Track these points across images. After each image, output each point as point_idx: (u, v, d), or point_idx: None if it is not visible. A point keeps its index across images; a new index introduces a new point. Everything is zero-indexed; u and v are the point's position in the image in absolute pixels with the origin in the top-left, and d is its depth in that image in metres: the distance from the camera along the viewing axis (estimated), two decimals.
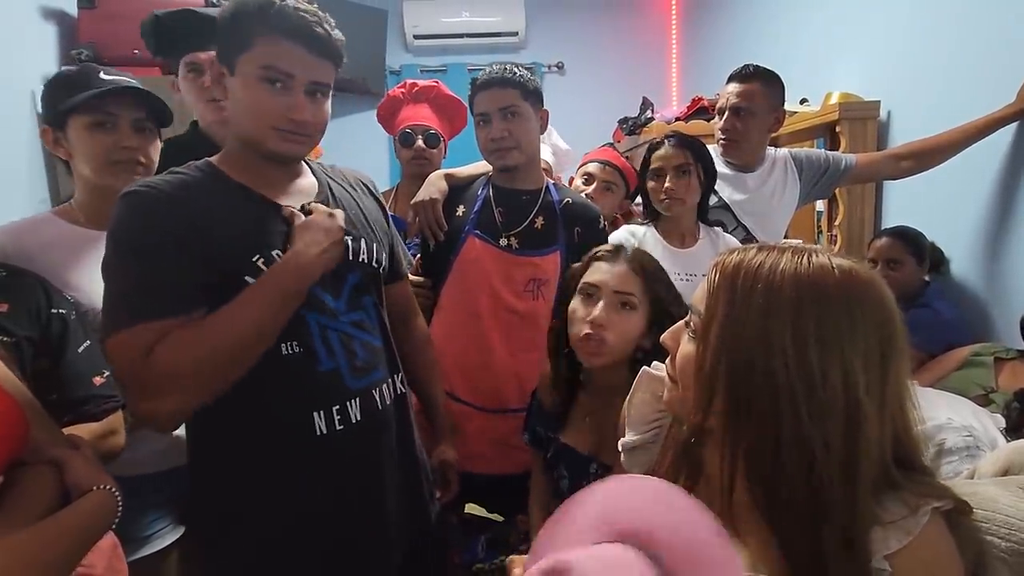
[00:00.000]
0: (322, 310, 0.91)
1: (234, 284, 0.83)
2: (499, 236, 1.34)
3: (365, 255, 0.99)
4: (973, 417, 1.12)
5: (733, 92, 1.66)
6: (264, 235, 0.88)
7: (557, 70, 3.86)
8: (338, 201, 1.00)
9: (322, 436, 0.88)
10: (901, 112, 1.93)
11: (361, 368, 0.94)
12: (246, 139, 0.90)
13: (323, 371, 0.90)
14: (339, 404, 0.90)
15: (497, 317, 1.32)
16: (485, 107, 1.30)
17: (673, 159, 1.46)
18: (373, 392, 0.95)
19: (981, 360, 1.43)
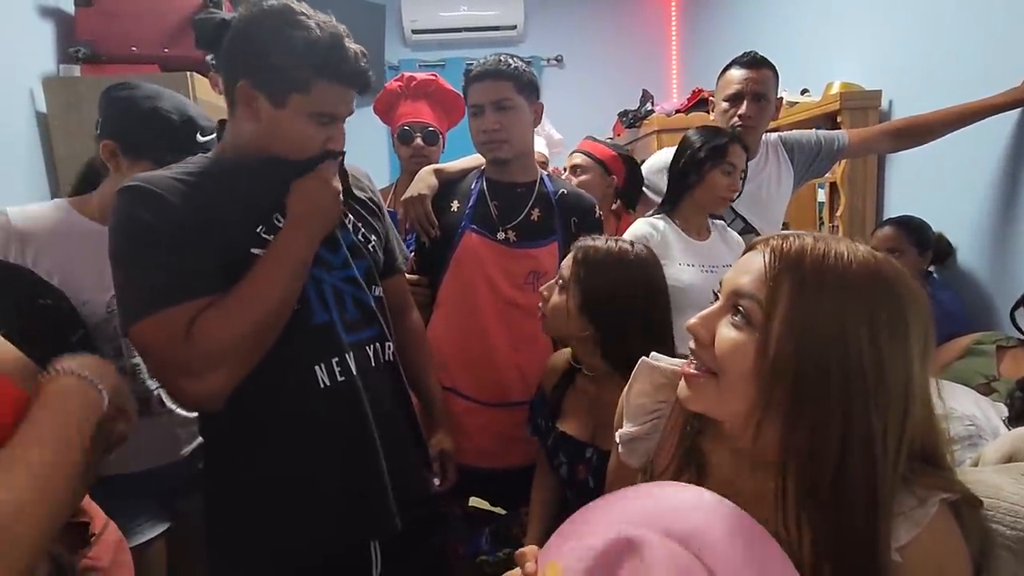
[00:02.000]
0: (317, 262, 0.93)
1: (241, 257, 0.86)
2: (496, 230, 1.34)
3: (351, 225, 1.01)
4: (975, 406, 1.11)
5: (751, 78, 1.62)
6: (265, 206, 0.90)
7: (556, 63, 3.85)
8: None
9: (326, 388, 0.91)
10: (902, 101, 1.92)
11: (351, 324, 0.96)
12: (276, 155, 0.91)
13: (317, 324, 0.92)
14: (337, 356, 0.93)
15: (497, 311, 1.32)
16: (478, 99, 1.29)
17: (744, 161, 1.46)
18: (366, 348, 0.98)
19: (983, 349, 1.43)
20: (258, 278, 0.85)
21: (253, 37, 0.86)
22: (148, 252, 0.82)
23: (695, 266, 1.45)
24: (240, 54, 0.88)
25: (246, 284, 0.85)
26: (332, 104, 0.89)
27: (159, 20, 1.80)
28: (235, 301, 0.83)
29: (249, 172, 0.91)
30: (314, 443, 0.91)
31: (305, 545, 0.90)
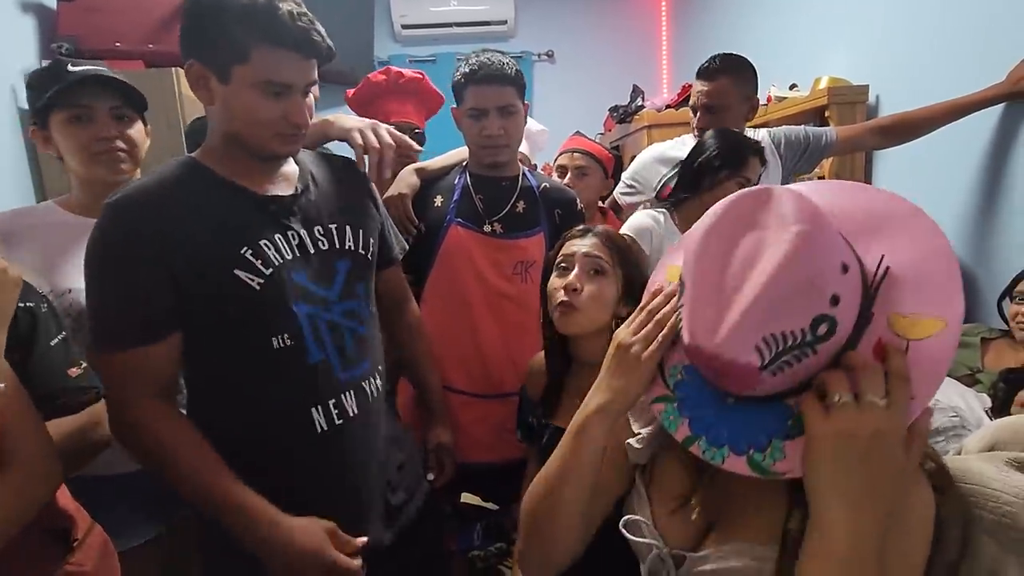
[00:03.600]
0: (312, 300, 0.91)
1: (223, 279, 0.84)
2: (482, 223, 1.34)
3: (352, 242, 0.99)
4: (959, 398, 1.13)
5: (702, 91, 1.68)
6: (250, 228, 0.87)
7: (547, 59, 3.84)
8: (319, 187, 0.99)
9: (322, 433, 0.89)
10: (889, 96, 1.93)
11: (350, 360, 0.94)
12: (241, 142, 0.89)
13: (313, 363, 0.89)
14: (334, 398, 0.91)
15: (487, 302, 1.32)
16: (482, 103, 1.28)
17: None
18: (363, 384, 0.95)
19: (968, 341, 1.44)
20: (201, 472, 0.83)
21: (192, 12, 0.85)
22: (107, 283, 0.82)
23: None
24: (185, 33, 0.86)
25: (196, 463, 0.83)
26: (276, 71, 0.84)
27: (143, 15, 1.78)
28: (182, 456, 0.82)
29: (232, 187, 0.90)
30: (304, 486, 0.90)
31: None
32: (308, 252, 0.92)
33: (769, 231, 0.49)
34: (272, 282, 0.87)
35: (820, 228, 0.48)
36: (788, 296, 0.47)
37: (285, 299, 0.88)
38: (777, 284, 0.46)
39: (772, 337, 0.47)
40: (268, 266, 0.87)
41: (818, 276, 0.48)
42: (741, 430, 0.52)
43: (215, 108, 0.89)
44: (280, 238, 0.90)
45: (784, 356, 0.48)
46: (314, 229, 0.94)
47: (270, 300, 0.87)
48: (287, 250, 0.90)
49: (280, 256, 0.89)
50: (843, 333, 0.49)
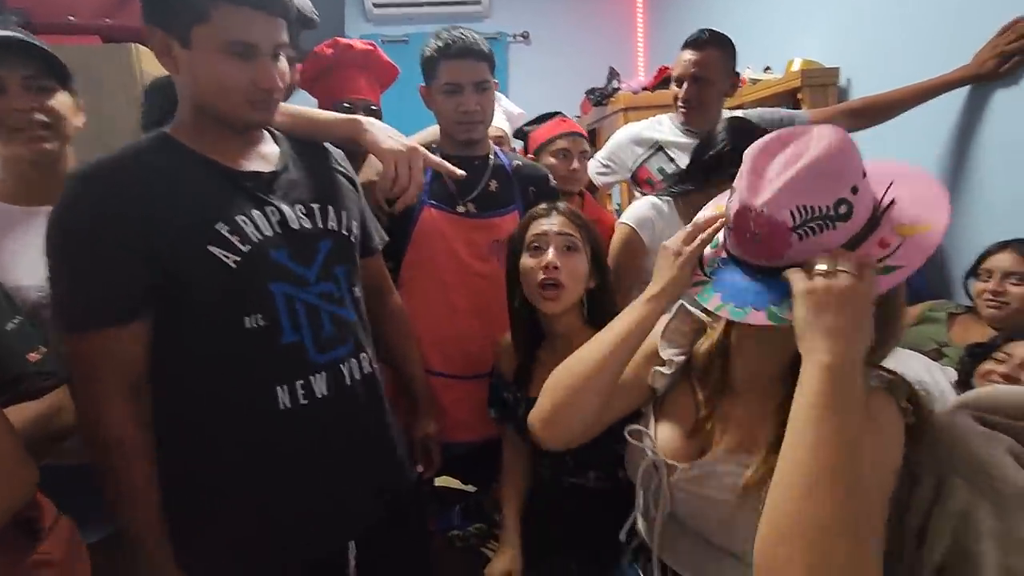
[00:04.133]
0: (290, 279, 0.88)
1: (196, 256, 0.81)
2: (455, 203, 1.33)
3: (334, 222, 0.96)
4: (925, 372, 1.16)
5: (690, 60, 1.65)
6: (226, 203, 0.85)
7: (522, 40, 3.80)
8: (300, 167, 0.96)
9: (286, 410, 0.87)
10: (859, 79, 1.96)
11: (327, 341, 0.91)
12: (212, 111, 0.86)
13: (286, 344, 0.87)
14: (302, 378, 0.88)
15: (463, 283, 1.31)
16: (458, 78, 1.26)
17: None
18: (340, 366, 0.93)
19: (935, 316, 1.49)
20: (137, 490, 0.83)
21: None
22: (75, 263, 0.79)
23: None
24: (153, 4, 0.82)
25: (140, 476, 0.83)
26: (239, 30, 0.80)
27: None
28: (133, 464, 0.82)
29: (206, 162, 0.86)
30: (269, 466, 0.88)
31: (264, 558, 0.89)
32: (290, 229, 0.90)
33: (812, 142, 0.64)
34: (250, 260, 0.84)
35: (848, 140, 0.64)
36: (820, 178, 0.62)
37: (262, 278, 0.86)
38: (813, 168, 0.62)
39: (804, 207, 0.62)
40: (246, 243, 0.84)
41: (845, 169, 0.63)
42: (763, 294, 0.65)
43: (182, 78, 0.85)
44: (259, 214, 0.87)
45: (811, 223, 0.62)
46: (295, 207, 0.91)
47: (246, 280, 0.84)
48: (267, 226, 0.87)
49: (259, 232, 0.86)
50: (858, 220, 0.63)
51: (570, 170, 1.69)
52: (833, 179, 0.62)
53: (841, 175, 0.63)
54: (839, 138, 0.64)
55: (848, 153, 0.64)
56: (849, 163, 0.64)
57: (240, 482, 0.87)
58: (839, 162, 0.63)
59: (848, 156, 0.64)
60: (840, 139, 0.64)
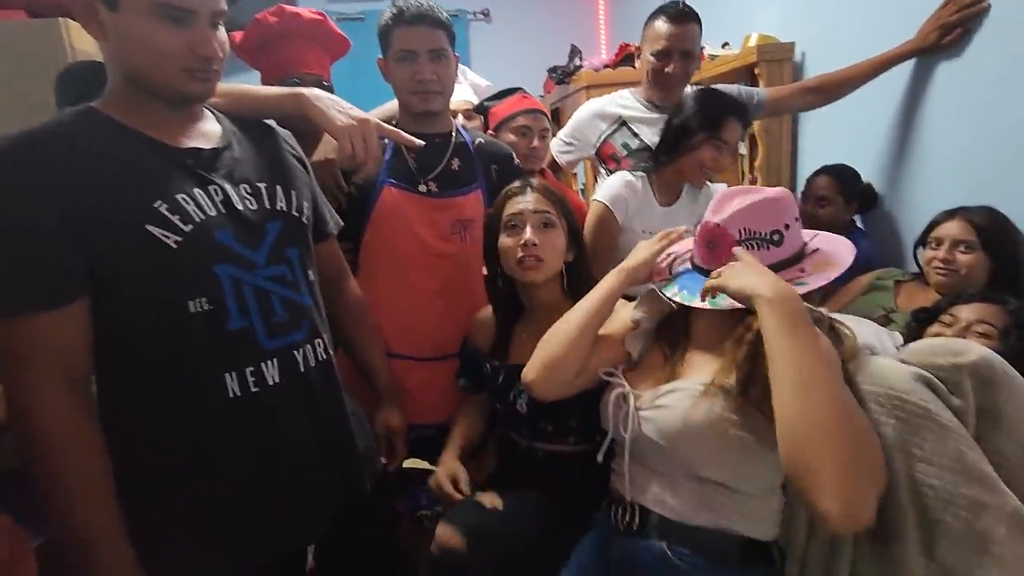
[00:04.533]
0: (236, 261, 0.84)
1: (133, 235, 0.76)
2: (416, 182, 1.29)
3: (284, 203, 0.92)
4: (874, 337, 1.20)
5: (678, 35, 1.59)
6: (164, 181, 0.80)
7: (483, 17, 3.73)
8: (244, 146, 0.92)
9: (235, 399, 0.83)
10: (814, 53, 1.99)
11: (278, 327, 0.87)
12: (145, 82, 0.80)
13: (233, 329, 0.83)
14: (253, 365, 0.85)
15: (426, 264, 1.29)
16: (413, 44, 1.22)
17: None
18: (294, 353, 0.89)
19: (883, 284, 1.54)
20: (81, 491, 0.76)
21: None
22: (11, 237, 0.72)
23: (651, 234, 1.45)
24: None
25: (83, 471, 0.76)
26: None
27: None
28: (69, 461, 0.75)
29: (141, 138, 0.81)
30: (221, 458, 0.84)
31: (219, 556, 0.84)
32: (235, 209, 0.85)
33: (765, 190, 0.90)
34: (192, 241, 0.79)
35: (791, 199, 0.90)
36: (763, 212, 0.87)
37: (205, 260, 0.81)
38: (760, 204, 0.87)
39: (748, 229, 0.87)
40: (187, 222, 0.80)
41: (783, 212, 0.88)
42: None
43: (109, 46, 0.79)
44: (201, 193, 0.82)
45: (750, 240, 0.87)
46: (240, 187, 0.87)
47: (188, 260, 0.80)
48: (209, 206, 0.82)
49: (201, 212, 0.81)
50: (785, 251, 0.88)
51: (530, 148, 1.66)
52: (772, 215, 0.86)
53: (779, 214, 0.87)
54: (785, 194, 0.89)
55: (788, 203, 0.88)
56: (787, 210, 0.88)
57: (190, 476, 0.83)
58: (779, 206, 0.87)
59: (787, 205, 0.88)
60: (785, 194, 0.89)
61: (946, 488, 0.71)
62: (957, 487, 0.71)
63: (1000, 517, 0.69)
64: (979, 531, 0.69)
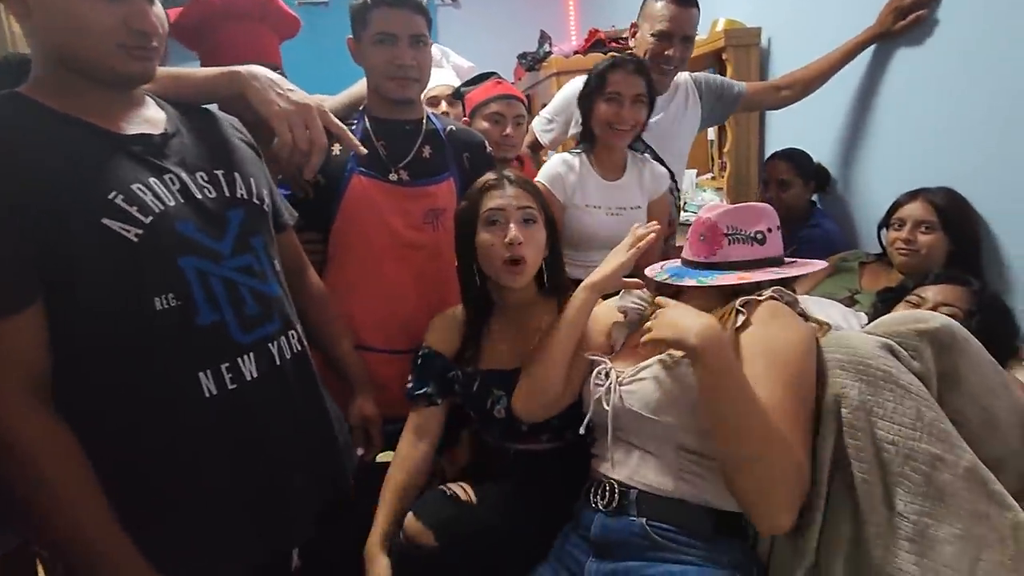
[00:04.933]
0: (201, 253, 0.80)
1: (90, 231, 0.72)
2: (387, 171, 1.26)
3: (244, 190, 0.88)
4: (841, 318, 1.23)
5: (682, 19, 1.57)
6: (116, 170, 0.75)
7: (452, 3, 3.68)
8: (193, 132, 0.87)
9: (212, 397, 0.80)
10: (780, 39, 2.01)
11: (251, 320, 0.84)
12: (78, 63, 0.75)
13: (204, 324, 0.79)
14: (228, 361, 0.81)
15: (398, 255, 1.26)
16: (393, 28, 1.18)
17: (634, 86, 1.40)
18: (269, 345, 0.86)
19: (848, 266, 1.58)
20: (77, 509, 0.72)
21: None
22: None
23: (601, 208, 1.46)
24: None
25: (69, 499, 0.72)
26: None
27: None
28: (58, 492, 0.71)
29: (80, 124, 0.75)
30: (201, 460, 0.80)
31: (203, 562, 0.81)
32: (194, 198, 0.81)
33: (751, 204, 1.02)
34: (153, 233, 0.75)
35: (772, 210, 1.00)
36: (750, 214, 0.97)
37: (169, 253, 0.77)
38: (747, 208, 0.99)
39: (736, 226, 0.96)
40: (147, 213, 0.75)
41: (765, 216, 0.98)
42: (697, 273, 0.97)
43: (35, 24, 0.73)
44: (157, 182, 0.78)
45: (737, 236, 0.96)
46: (196, 174, 0.83)
47: (151, 254, 0.75)
48: (168, 195, 0.78)
49: (160, 202, 0.77)
50: (768, 251, 0.97)
51: (503, 135, 1.62)
52: (757, 217, 0.97)
53: (763, 219, 0.97)
54: (768, 207, 1.00)
55: (771, 213, 0.99)
56: (771, 217, 0.98)
57: (169, 483, 0.79)
58: (764, 212, 0.99)
59: (771, 214, 0.99)
60: (769, 207, 1.00)
61: (906, 444, 0.76)
62: (917, 443, 0.75)
63: (956, 471, 0.74)
64: (936, 484, 0.74)
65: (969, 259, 1.34)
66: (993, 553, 0.71)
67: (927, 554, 0.73)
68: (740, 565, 0.84)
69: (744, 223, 0.95)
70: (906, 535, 0.74)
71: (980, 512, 0.73)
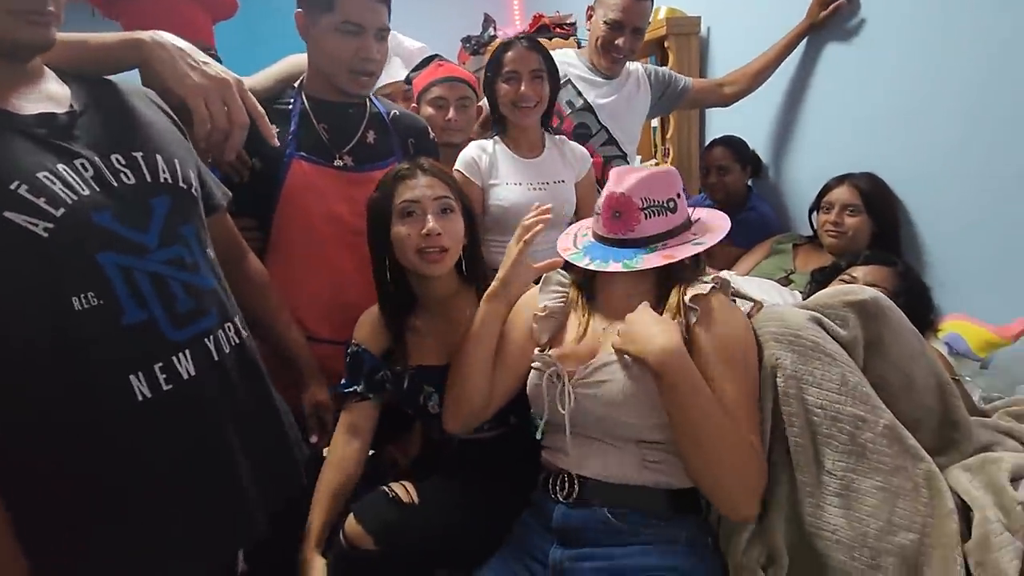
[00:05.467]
0: (122, 247, 0.73)
1: None
2: (331, 156, 1.21)
3: (168, 173, 0.80)
4: (779, 296, 1.30)
5: (635, 9, 1.60)
6: (17, 157, 0.68)
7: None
8: (105, 109, 0.79)
9: (146, 401, 0.74)
10: (719, 27, 2.07)
11: (184, 316, 0.78)
12: None
13: (131, 324, 0.73)
14: (161, 360, 0.75)
15: (346, 244, 1.22)
16: (363, 19, 1.12)
17: (529, 62, 1.41)
18: (206, 341, 0.81)
19: (782, 248, 1.66)
20: None
21: None
22: None
23: (523, 184, 1.45)
24: None
25: None
26: None
27: None
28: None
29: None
30: (141, 470, 0.74)
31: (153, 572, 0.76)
32: (110, 185, 0.74)
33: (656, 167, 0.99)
34: (65, 227, 0.68)
35: (677, 175, 0.98)
36: (660, 182, 0.95)
37: (85, 248, 0.70)
38: (656, 176, 0.95)
39: (649, 197, 0.93)
40: (57, 205, 0.68)
41: (673, 182, 0.96)
42: (620, 254, 0.94)
43: None
44: (66, 169, 0.70)
45: (652, 208, 0.93)
46: (111, 157, 0.75)
47: (64, 250, 0.68)
48: (80, 183, 0.71)
49: (72, 192, 0.70)
50: (679, 217, 0.96)
51: (446, 120, 1.58)
52: (668, 185, 0.95)
53: (672, 185, 0.95)
54: (672, 170, 0.98)
55: (676, 177, 0.97)
56: (677, 182, 0.96)
57: (107, 496, 0.73)
58: (671, 178, 0.96)
59: (676, 178, 0.97)
60: (673, 170, 0.98)
61: (833, 407, 0.83)
62: (843, 407, 0.83)
63: (876, 429, 0.82)
64: (859, 442, 0.81)
65: (890, 239, 1.44)
66: (908, 501, 0.79)
67: (852, 506, 0.80)
68: (696, 539, 0.88)
69: (657, 192, 0.93)
70: (834, 491, 0.81)
71: (897, 466, 0.81)
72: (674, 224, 0.94)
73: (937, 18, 1.36)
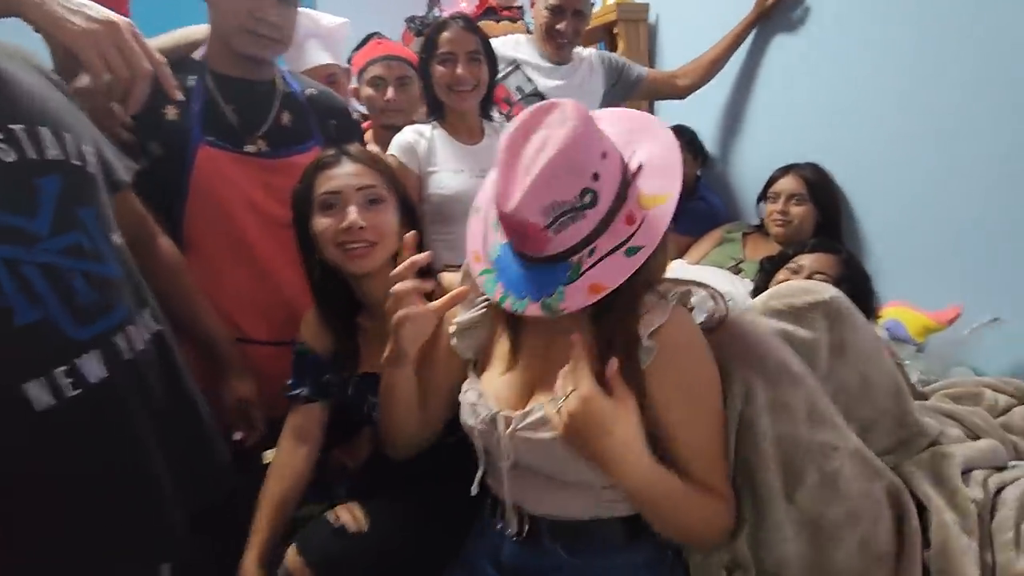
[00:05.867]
0: (6, 238, 0.64)
1: None
2: (241, 141, 1.10)
3: (57, 149, 0.70)
4: (730, 284, 1.30)
5: None
6: None
7: None
8: None
9: (49, 410, 0.65)
10: (667, 16, 2.07)
11: (88, 310, 0.69)
12: None
13: (24, 325, 0.64)
14: (64, 364, 0.67)
15: (271, 236, 1.12)
16: None
17: (466, 43, 1.34)
18: (115, 339, 0.72)
19: (732, 237, 1.68)
20: None
21: None
22: None
23: (464, 171, 1.39)
24: None
25: None
26: None
27: None
28: None
29: None
30: (48, 479, 0.67)
31: None
32: None
33: (552, 128, 0.65)
34: None
35: (585, 125, 0.65)
36: (561, 175, 0.64)
37: None
38: (552, 166, 0.63)
39: (552, 204, 0.64)
40: None
41: (584, 159, 0.65)
42: (537, 285, 0.69)
43: None
44: None
45: (561, 218, 0.65)
46: None
47: None
48: None
49: None
50: (605, 203, 0.66)
51: (385, 100, 1.50)
52: (574, 173, 0.64)
53: (581, 168, 0.64)
54: (576, 124, 0.64)
55: (586, 139, 0.65)
56: (588, 151, 0.65)
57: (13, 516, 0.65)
58: (576, 154, 0.64)
59: (586, 143, 0.65)
60: (576, 125, 0.64)
61: (802, 435, 0.76)
62: (813, 435, 0.77)
63: (844, 455, 0.77)
64: (829, 472, 0.76)
65: (833, 228, 1.48)
66: (873, 523, 0.77)
67: (818, 534, 0.76)
68: (654, 560, 0.81)
69: (562, 190, 0.64)
70: (800, 520, 0.76)
71: (864, 490, 0.77)
72: (600, 215, 0.66)
73: (879, 10, 1.39)
